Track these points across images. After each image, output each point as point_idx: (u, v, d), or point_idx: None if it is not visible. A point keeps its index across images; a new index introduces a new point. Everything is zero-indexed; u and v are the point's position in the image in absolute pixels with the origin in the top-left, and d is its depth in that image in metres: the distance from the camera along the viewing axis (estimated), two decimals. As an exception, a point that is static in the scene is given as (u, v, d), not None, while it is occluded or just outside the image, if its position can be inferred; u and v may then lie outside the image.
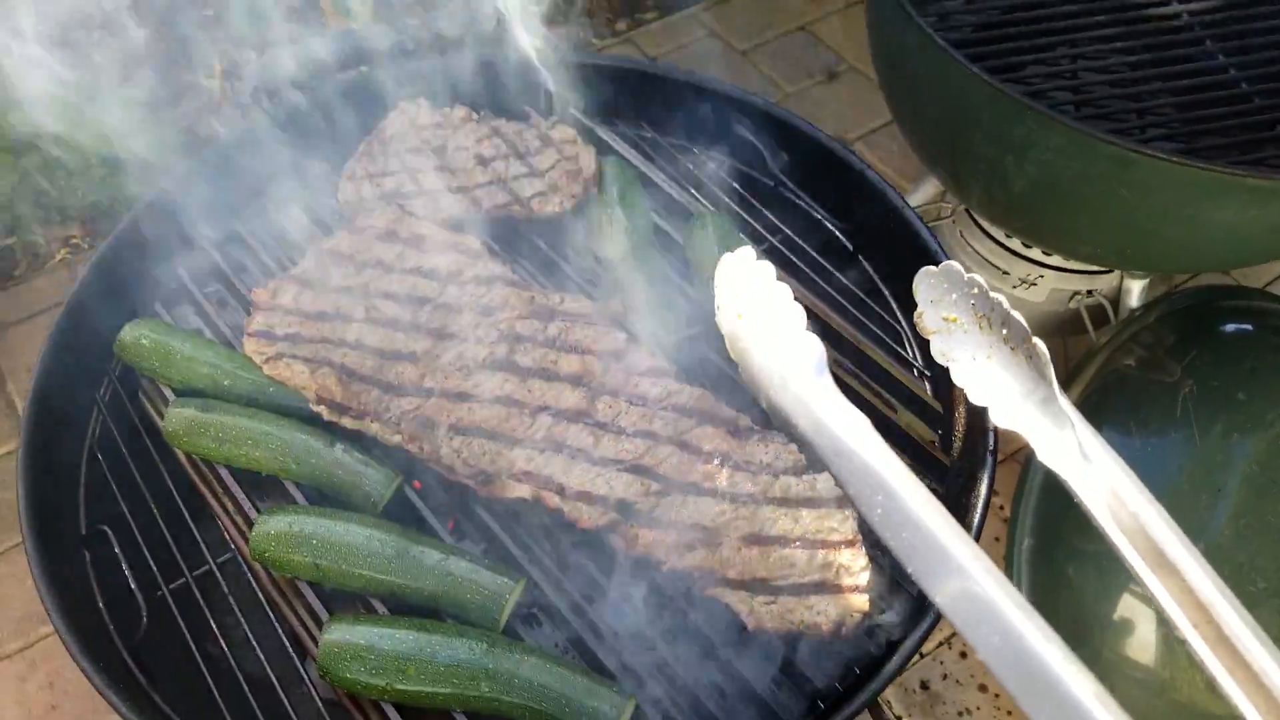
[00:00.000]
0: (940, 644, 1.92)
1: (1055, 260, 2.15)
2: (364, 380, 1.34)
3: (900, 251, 1.52)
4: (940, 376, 1.40)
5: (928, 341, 1.18)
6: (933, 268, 1.10)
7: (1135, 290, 2.15)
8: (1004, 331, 1.03)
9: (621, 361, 1.35)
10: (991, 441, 1.28)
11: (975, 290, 1.05)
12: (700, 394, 1.31)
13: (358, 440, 1.32)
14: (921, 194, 2.51)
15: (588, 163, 1.56)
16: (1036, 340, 0.98)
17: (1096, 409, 1.96)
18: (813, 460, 1.22)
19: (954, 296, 1.08)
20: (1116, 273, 2.17)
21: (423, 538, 1.23)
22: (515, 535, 1.27)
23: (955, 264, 1.08)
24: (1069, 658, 0.67)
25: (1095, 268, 2.14)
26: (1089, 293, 2.20)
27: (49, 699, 1.86)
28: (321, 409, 1.32)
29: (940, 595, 0.74)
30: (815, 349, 0.88)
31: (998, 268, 2.24)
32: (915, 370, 1.43)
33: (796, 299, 1.41)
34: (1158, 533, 0.84)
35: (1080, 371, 2.04)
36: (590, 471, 1.25)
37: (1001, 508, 2.18)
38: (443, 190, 1.56)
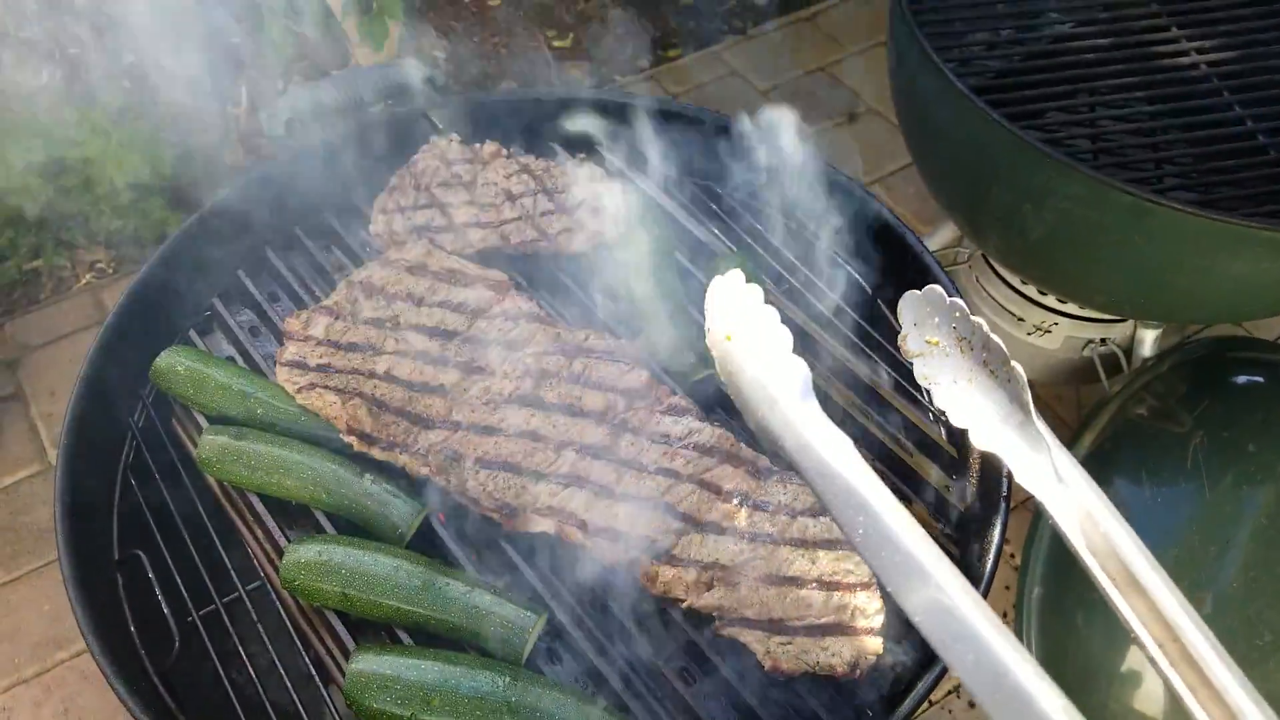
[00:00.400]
0: (949, 693, 1.93)
1: (1070, 308, 2.17)
2: (393, 412, 1.37)
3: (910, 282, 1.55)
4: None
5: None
6: (916, 291, 1.13)
7: (1149, 340, 2.17)
8: (984, 355, 1.06)
9: (644, 399, 1.38)
10: (1005, 488, 1.30)
11: (957, 314, 1.08)
12: (721, 434, 1.34)
13: (386, 472, 1.35)
14: (938, 238, 2.54)
15: (614, 201, 1.60)
16: (1015, 364, 1.01)
17: (1108, 458, 1.98)
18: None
19: (936, 320, 1.11)
20: (1130, 322, 2.20)
21: (448, 569, 1.26)
22: (539, 569, 1.30)
23: (938, 288, 1.11)
24: (1040, 674, 0.70)
25: (1109, 316, 2.17)
26: (1103, 341, 2.22)
27: (64, 726, 1.88)
28: (352, 439, 1.35)
29: (917, 613, 0.77)
30: (801, 372, 0.91)
31: (1013, 314, 2.27)
32: (930, 415, 1.46)
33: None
34: (1127, 554, 0.87)
35: (1092, 420, 2.06)
36: (612, 508, 1.28)
37: (1012, 555, 2.20)
38: (472, 225, 1.60)
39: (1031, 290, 2.20)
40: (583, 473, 1.31)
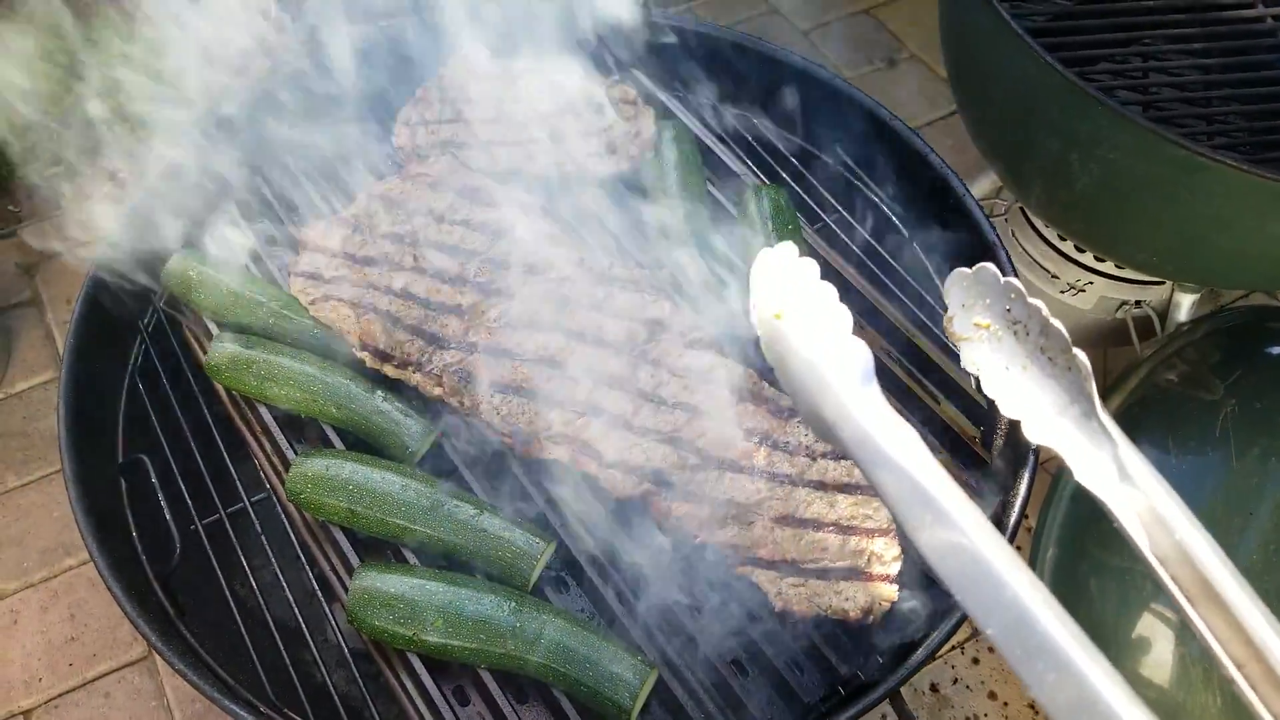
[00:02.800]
0: (954, 648, 1.91)
1: (1107, 267, 2.11)
2: (408, 330, 1.34)
3: (956, 239, 1.50)
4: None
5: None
6: (966, 270, 1.05)
7: (1185, 304, 2.11)
8: (1042, 341, 0.98)
9: (667, 331, 1.34)
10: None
11: (1012, 295, 1.00)
12: (744, 371, 1.30)
13: (398, 391, 1.31)
14: (976, 189, 2.46)
15: (646, 125, 1.54)
16: (1077, 351, 0.93)
17: (1135, 422, 1.93)
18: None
19: (987, 301, 1.02)
20: (1167, 285, 2.13)
21: (458, 491, 1.23)
22: (549, 497, 1.27)
23: (991, 266, 1.03)
24: (1133, 699, 0.64)
25: (1147, 277, 2.10)
26: (1138, 303, 2.16)
27: (69, 630, 1.88)
28: (365, 355, 1.31)
29: (992, 627, 0.69)
30: (863, 355, 0.83)
31: (1047, 270, 2.20)
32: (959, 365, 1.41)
33: (848, 283, 1.39)
34: (1205, 562, 0.79)
35: (1121, 383, 2.01)
36: (628, 439, 1.25)
37: (1026, 515, 2.16)
38: (498, 142, 1.54)
39: (1069, 247, 2.14)
40: (599, 402, 1.28)
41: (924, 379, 1.38)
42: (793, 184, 1.60)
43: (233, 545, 1.25)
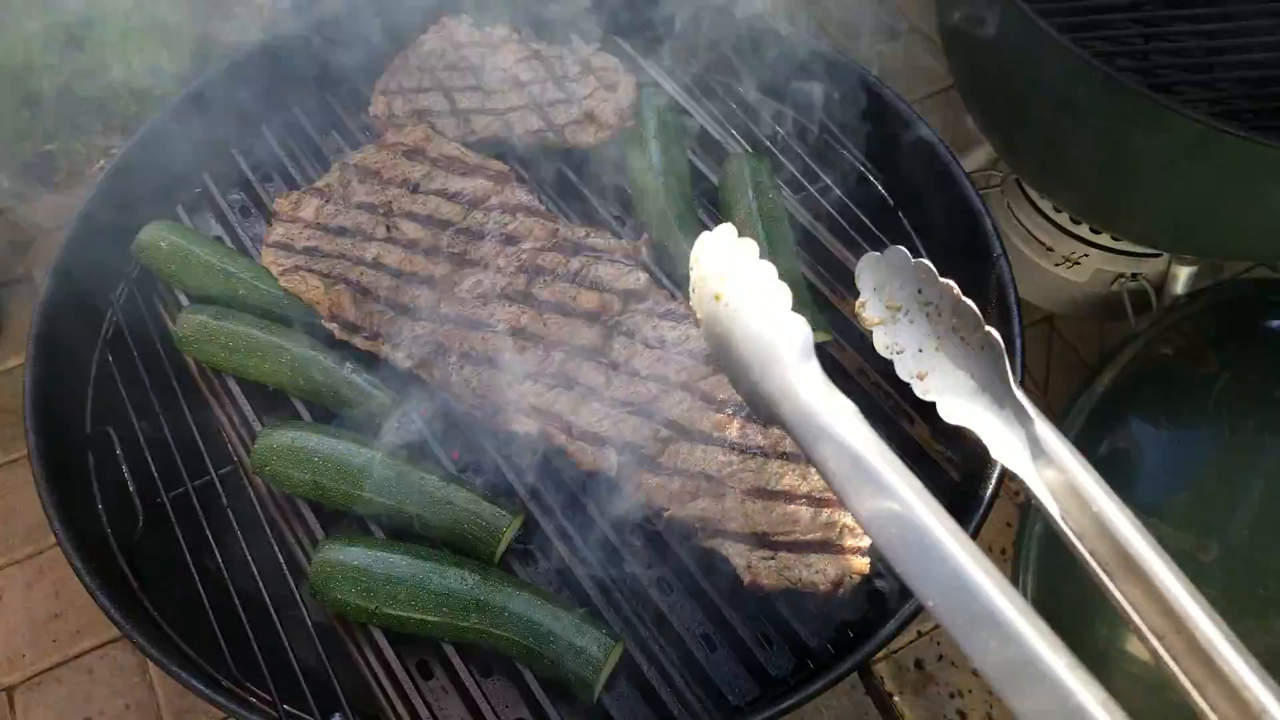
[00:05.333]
0: (937, 625, 1.89)
1: (1103, 240, 2.07)
2: (379, 301, 1.32)
3: (942, 211, 1.47)
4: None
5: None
6: (876, 254, 1.03)
7: (1182, 277, 2.07)
8: (954, 320, 0.96)
9: (641, 303, 1.31)
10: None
11: (923, 275, 0.98)
12: (719, 342, 1.28)
13: (368, 363, 1.30)
14: (972, 160, 2.42)
15: (626, 93, 1.51)
16: (990, 329, 0.91)
17: (1127, 397, 1.90)
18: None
19: (898, 282, 1.00)
20: (1164, 258, 2.09)
21: (425, 464, 1.21)
22: (519, 470, 1.25)
23: (902, 249, 1.00)
24: (1074, 664, 0.62)
25: (1143, 250, 2.07)
26: (1134, 276, 2.12)
27: (53, 607, 1.88)
28: (334, 326, 1.30)
29: (933, 599, 0.67)
30: (801, 331, 0.81)
31: (1042, 243, 2.17)
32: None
33: (830, 254, 1.36)
34: (1123, 535, 0.77)
35: (1115, 356, 1.97)
36: (599, 412, 1.22)
37: (1017, 494, 2.14)
38: (476, 111, 1.52)
39: (1064, 219, 2.10)
40: (571, 374, 1.26)
41: (900, 400, 1.34)
42: (777, 154, 1.56)
43: (199, 519, 1.24)
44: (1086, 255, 2.12)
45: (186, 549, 1.22)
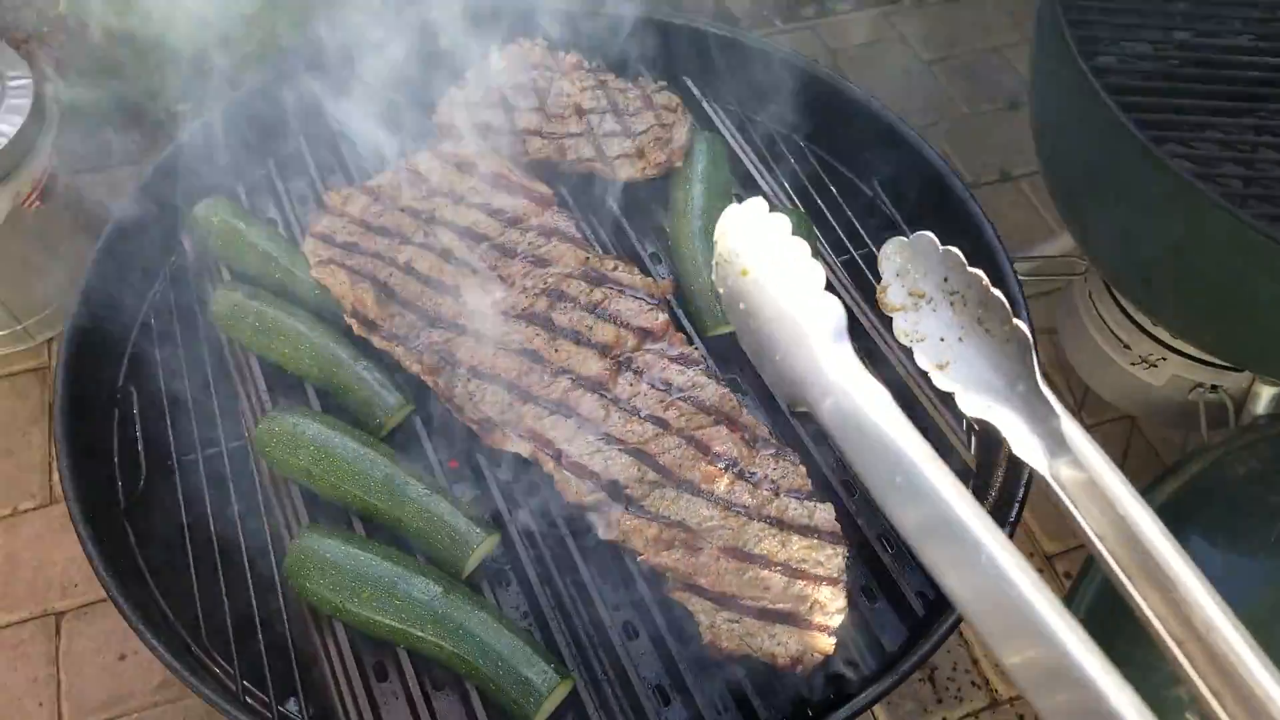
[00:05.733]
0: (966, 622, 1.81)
1: (1182, 345, 1.97)
2: (401, 303, 1.34)
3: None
4: (984, 434, 1.31)
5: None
6: (902, 238, 0.98)
7: (1265, 397, 1.95)
8: (980, 311, 0.91)
9: (656, 343, 1.31)
10: (1021, 492, 1.19)
11: (951, 263, 0.93)
12: (725, 394, 1.26)
13: (382, 362, 1.32)
14: (1059, 245, 2.34)
15: (680, 133, 1.51)
16: (1018, 322, 0.86)
17: (1188, 512, 1.80)
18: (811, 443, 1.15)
19: (924, 270, 0.96)
20: (1247, 374, 1.97)
21: (414, 470, 1.23)
22: (506, 491, 1.26)
23: (929, 234, 0.96)
24: (1108, 668, 0.59)
25: (1221, 362, 1.95)
26: (1213, 388, 2.01)
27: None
28: (353, 322, 1.33)
29: (962, 590, 0.65)
30: (835, 311, 0.79)
31: (1120, 339, 2.07)
32: (964, 422, 1.33)
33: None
34: (1147, 538, 0.74)
35: (1181, 468, 1.87)
36: (592, 445, 1.22)
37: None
38: (533, 133, 1.54)
39: (1144, 319, 2.00)
40: (573, 403, 1.26)
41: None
42: (825, 211, 1.54)
43: (201, 487, 1.28)
44: (1164, 359, 2.02)
45: (184, 514, 1.26)
